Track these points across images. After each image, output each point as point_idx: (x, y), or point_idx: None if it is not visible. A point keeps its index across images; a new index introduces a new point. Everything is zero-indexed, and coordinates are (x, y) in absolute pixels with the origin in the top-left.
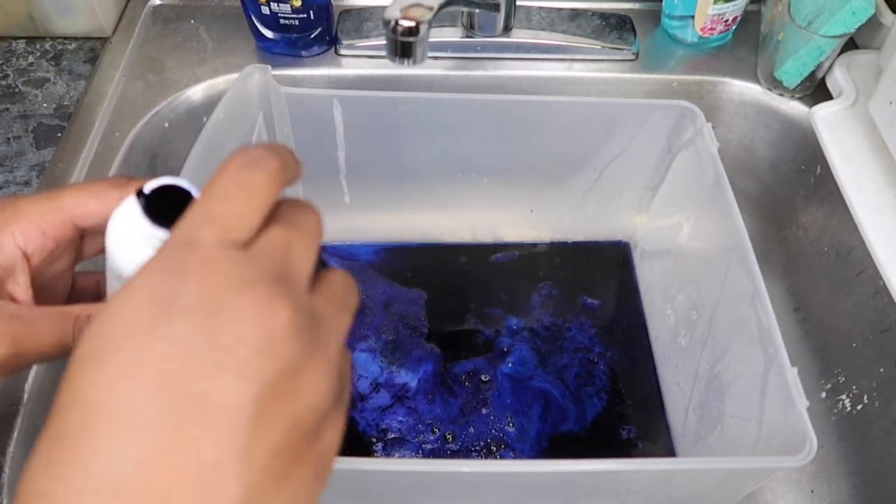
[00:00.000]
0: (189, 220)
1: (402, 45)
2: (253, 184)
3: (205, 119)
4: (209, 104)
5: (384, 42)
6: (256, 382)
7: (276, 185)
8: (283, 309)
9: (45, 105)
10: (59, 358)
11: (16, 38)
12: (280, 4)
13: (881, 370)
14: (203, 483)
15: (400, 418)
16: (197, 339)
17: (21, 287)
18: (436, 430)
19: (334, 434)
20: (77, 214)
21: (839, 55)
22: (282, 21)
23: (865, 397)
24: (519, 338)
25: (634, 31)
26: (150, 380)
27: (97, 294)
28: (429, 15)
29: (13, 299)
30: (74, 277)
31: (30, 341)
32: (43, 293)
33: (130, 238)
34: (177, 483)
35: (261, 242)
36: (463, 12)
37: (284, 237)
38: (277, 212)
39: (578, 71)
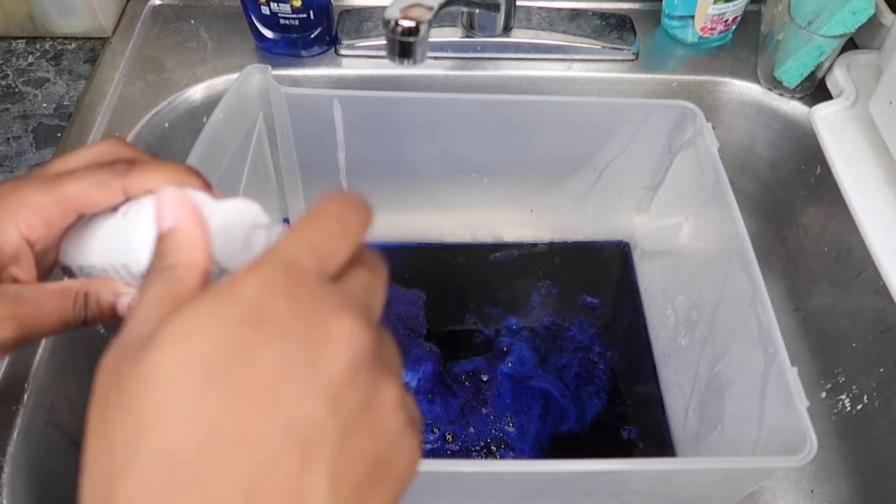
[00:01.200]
0: (291, 244)
1: (402, 45)
2: (352, 225)
3: (205, 119)
4: (209, 104)
5: (384, 42)
6: (345, 412)
7: (365, 231)
8: (369, 339)
9: (45, 105)
10: (61, 333)
11: (16, 38)
12: (280, 4)
13: (881, 370)
14: None
15: None
16: (296, 359)
17: (24, 270)
18: (436, 430)
19: (407, 456)
20: (80, 204)
21: (839, 55)
22: (282, 21)
23: (865, 397)
24: (518, 337)
25: (634, 31)
26: (245, 394)
27: None
28: (429, 15)
29: (16, 280)
30: None
31: (35, 322)
32: (44, 271)
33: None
34: None
35: (351, 279)
36: (463, 12)
37: (368, 279)
38: (360, 254)
39: (578, 71)
